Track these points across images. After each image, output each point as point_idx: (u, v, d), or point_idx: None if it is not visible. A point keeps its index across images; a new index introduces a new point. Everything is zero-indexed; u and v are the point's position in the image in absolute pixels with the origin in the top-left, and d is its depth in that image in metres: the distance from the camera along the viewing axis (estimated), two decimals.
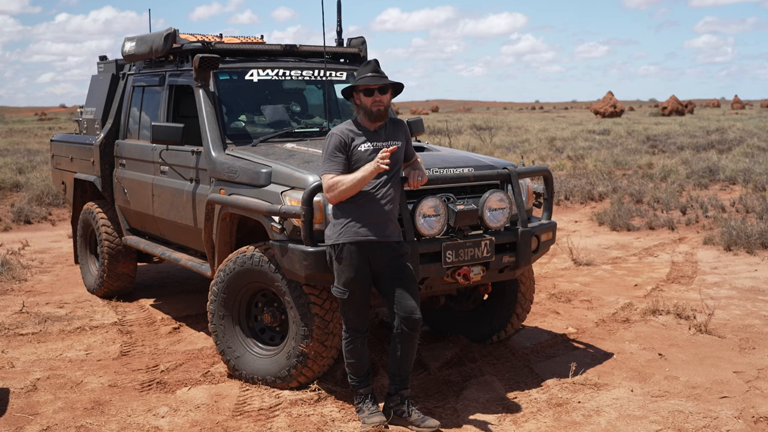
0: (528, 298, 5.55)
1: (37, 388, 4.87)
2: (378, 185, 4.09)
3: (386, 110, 4.18)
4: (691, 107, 54.63)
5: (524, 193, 5.06)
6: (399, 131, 4.27)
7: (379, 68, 4.21)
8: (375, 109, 4.12)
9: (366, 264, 4.11)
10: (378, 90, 4.13)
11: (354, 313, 4.20)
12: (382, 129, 4.21)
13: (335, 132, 4.16)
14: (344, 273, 4.12)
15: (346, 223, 4.09)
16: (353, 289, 4.13)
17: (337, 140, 4.12)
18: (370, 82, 4.12)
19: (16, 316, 6.57)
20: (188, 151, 5.64)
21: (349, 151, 4.11)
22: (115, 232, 6.91)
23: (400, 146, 4.21)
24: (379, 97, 4.13)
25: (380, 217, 4.09)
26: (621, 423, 4.25)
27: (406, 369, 4.23)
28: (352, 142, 4.13)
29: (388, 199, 4.12)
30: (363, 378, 4.30)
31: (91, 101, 7.50)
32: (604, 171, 15.55)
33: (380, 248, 4.10)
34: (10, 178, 14.70)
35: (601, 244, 9.64)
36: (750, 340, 5.69)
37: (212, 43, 5.91)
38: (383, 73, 4.20)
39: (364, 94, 4.14)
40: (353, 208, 4.08)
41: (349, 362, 4.28)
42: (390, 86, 4.20)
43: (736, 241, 8.97)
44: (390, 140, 4.18)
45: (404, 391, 4.24)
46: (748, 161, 16.01)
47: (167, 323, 6.35)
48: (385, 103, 4.15)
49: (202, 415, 4.44)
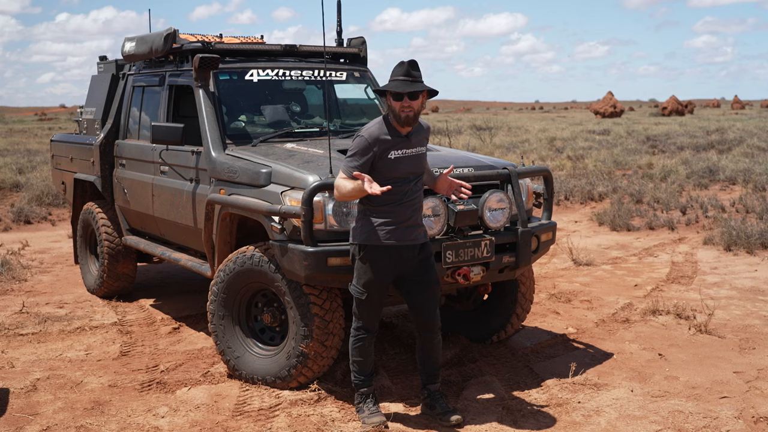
0: (528, 298, 5.55)
1: (37, 389, 4.87)
2: (406, 192, 4.05)
3: (416, 116, 4.04)
4: (691, 107, 54.63)
5: (524, 193, 5.06)
6: (424, 136, 4.20)
7: (412, 71, 4.02)
8: (404, 114, 3.99)
9: (389, 267, 4.09)
10: (407, 95, 3.99)
11: (368, 313, 4.19)
12: (412, 134, 4.10)
13: (364, 135, 4.03)
14: (366, 274, 4.10)
15: (374, 226, 4.04)
16: (371, 291, 4.12)
17: (364, 144, 4.00)
18: (398, 88, 3.98)
19: (16, 316, 6.57)
20: (188, 151, 5.64)
21: (375, 157, 4.01)
22: (115, 232, 6.91)
23: (425, 152, 4.17)
24: (408, 102, 3.98)
25: (408, 222, 4.06)
26: (621, 423, 4.25)
27: (431, 365, 4.31)
28: (382, 150, 4.00)
29: (416, 205, 4.11)
30: (366, 377, 4.30)
31: (91, 101, 7.50)
32: (604, 171, 15.55)
33: (406, 251, 4.09)
34: (10, 178, 14.70)
35: (601, 244, 9.64)
36: (750, 340, 5.69)
37: (212, 43, 5.91)
38: (417, 76, 4.03)
39: (393, 98, 4.01)
40: (382, 212, 4.04)
41: (356, 360, 4.27)
42: (421, 92, 4.03)
43: (736, 241, 8.97)
44: (418, 147, 4.10)
45: (431, 386, 4.33)
46: (748, 161, 16.01)
47: (167, 323, 6.35)
48: (414, 109, 4.00)
49: (202, 415, 4.44)
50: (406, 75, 4.00)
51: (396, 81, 4.01)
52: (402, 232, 4.06)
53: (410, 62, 4.04)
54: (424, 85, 4.04)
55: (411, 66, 4.03)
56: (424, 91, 4.05)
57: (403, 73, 4.01)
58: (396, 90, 3.98)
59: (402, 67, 4.03)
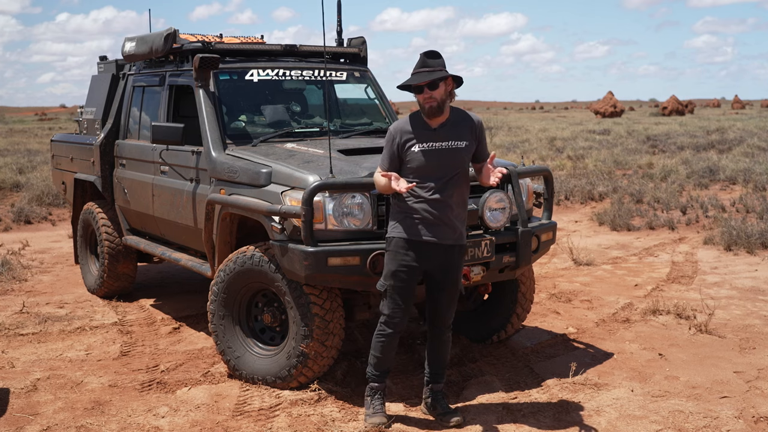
0: (528, 298, 5.55)
1: (37, 388, 4.87)
2: (434, 188, 4.00)
3: (440, 106, 3.97)
4: (691, 107, 54.62)
5: (524, 193, 5.06)
6: (465, 130, 4.07)
7: (428, 61, 3.97)
8: (427, 105, 3.97)
9: (414, 262, 4.06)
10: (427, 86, 3.95)
11: (390, 308, 4.12)
12: (444, 127, 4.03)
13: (391, 128, 4.08)
14: (388, 265, 4.10)
15: (400, 219, 4.06)
16: (393, 284, 4.08)
17: (389, 138, 4.05)
18: (414, 80, 3.97)
19: (16, 316, 6.57)
20: (188, 151, 5.64)
21: (401, 151, 4.02)
22: (116, 232, 6.91)
23: (465, 147, 4.05)
24: (429, 93, 3.95)
25: (435, 219, 4.02)
26: (621, 423, 4.25)
27: (438, 363, 4.29)
28: (404, 140, 4.01)
29: (445, 203, 4.01)
30: (381, 374, 4.27)
31: (91, 101, 7.50)
32: (604, 171, 15.55)
33: (430, 248, 4.05)
34: (10, 178, 14.70)
35: (602, 244, 9.64)
36: (750, 340, 5.69)
37: (212, 43, 5.91)
38: (435, 66, 3.97)
39: (414, 91, 4.00)
40: (408, 206, 4.04)
41: (374, 355, 4.23)
42: (442, 80, 3.95)
43: (737, 241, 8.97)
44: (451, 140, 4.02)
45: (435, 385, 4.32)
46: (748, 161, 16.01)
47: (167, 323, 6.35)
48: (437, 99, 3.95)
49: (202, 415, 4.44)
50: (423, 66, 3.99)
51: (415, 74, 4.00)
52: (427, 229, 4.03)
53: (427, 53, 4.01)
54: (442, 72, 3.97)
55: (427, 56, 4.01)
56: (448, 79, 4.01)
57: (420, 65, 4.00)
58: (413, 83, 3.98)
59: (420, 59, 4.02)
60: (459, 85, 4.11)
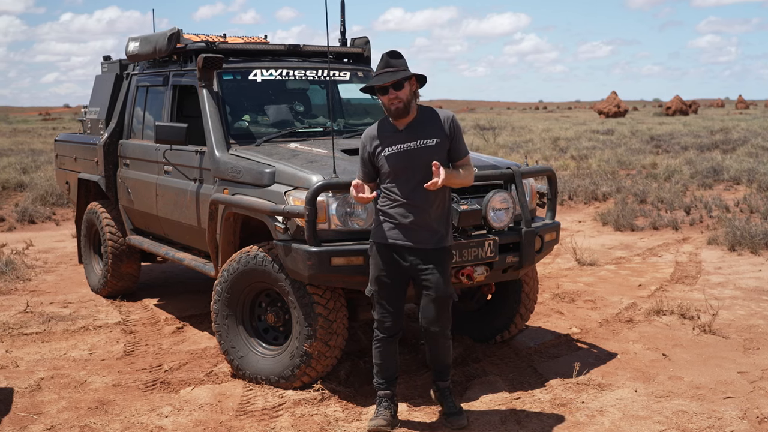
0: (532, 298, 5.54)
1: (41, 388, 4.88)
2: (407, 191, 3.95)
3: (406, 106, 3.92)
4: (695, 107, 54.52)
5: (528, 193, 5.05)
6: (434, 128, 3.98)
7: (391, 62, 3.92)
8: (393, 107, 3.92)
9: (393, 266, 4.04)
10: (392, 86, 3.90)
11: (381, 313, 4.12)
12: (411, 127, 3.97)
13: (362, 137, 4.09)
14: (371, 271, 4.12)
15: (378, 224, 4.07)
16: (378, 288, 4.08)
17: (361, 146, 4.07)
18: (378, 81, 3.91)
19: (20, 315, 6.59)
20: (192, 151, 5.65)
21: (372, 157, 4.02)
22: (119, 231, 6.92)
23: (435, 145, 3.95)
24: (394, 93, 3.89)
25: (410, 223, 3.97)
26: (625, 423, 4.24)
27: (439, 364, 4.25)
28: (374, 147, 3.99)
29: (420, 206, 3.95)
30: (385, 381, 4.21)
31: (95, 101, 7.52)
32: (607, 171, 15.53)
33: (410, 253, 4.02)
34: (14, 177, 14.73)
35: (605, 244, 9.63)
36: (754, 341, 5.68)
37: (216, 43, 5.92)
38: (398, 66, 3.92)
39: (379, 92, 3.94)
40: (384, 211, 4.04)
41: (375, 363, 4.21)
42: (407, 79, 3.90)
43: (741, 241, 8.95)
44: (420, 140, 3.95)
45: (440, 383, 4.29)
46: (753, 161, 15.97)
47: (171, 323, 6.35)
48: (403, 99, 3.89)
49: (205, 414, 4.45)
50: (387, 66, 3.93)
51: (378, 75, 3.94)
52: (401, 232, 3.99)
53: (389, 53, 3.95)
54: (405, 72, 3.92)
55: (390, 56, 3.95)
56: (412, 79, 3.95)
57: (383, 65, 3.94)
58: (377, 84, 3.91)
59: (382, 60, 3.96)
60: (423, 84, 4.05)
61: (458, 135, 4.05)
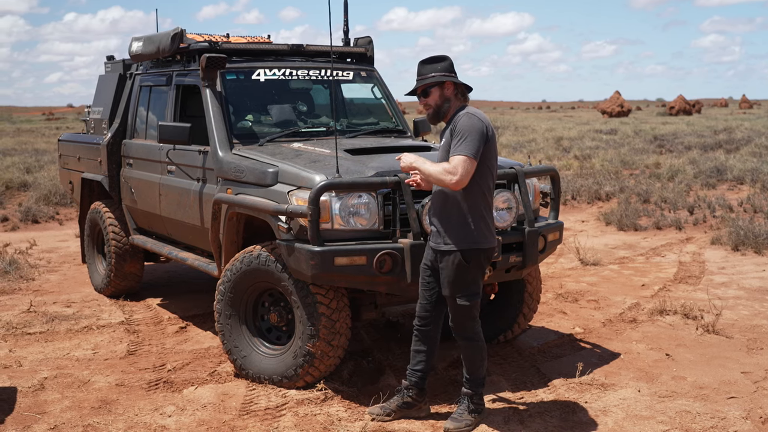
0: (535, 298, 5.54)
1: (44, 387, 4.89)
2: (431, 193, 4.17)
3: (436, 112, 4.06)
4: (698, 107, 54.42)
5: (531, 192, 5.05)
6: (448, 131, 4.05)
7: (419, 69, 4.07)
8: (426, 112, 4.13)
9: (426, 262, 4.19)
10: (420, 94, 4.07)
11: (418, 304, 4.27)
12: (444, 131, 4.08)
13: None
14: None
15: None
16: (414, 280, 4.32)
17: None
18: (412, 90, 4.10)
19: (23, 315, 6.60)
20: (195, 150, 5.65)
21: None
22: (123, 231, 6.93)
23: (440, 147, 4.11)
24: (424, 100, 4.08)
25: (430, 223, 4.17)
26: (628, 423, 4.24)
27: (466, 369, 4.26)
28: None
29: (432, 208, 4.14)
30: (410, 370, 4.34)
31: (98, 101, 7.52)
32: (611, 171, 15.52)
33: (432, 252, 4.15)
34: (17, 177, 14.76)
35: (608, 244, 9.62)
36: (758, 341, 5.67)
37: (219, 43, 5.92)
38: (426, 72, 4.04)
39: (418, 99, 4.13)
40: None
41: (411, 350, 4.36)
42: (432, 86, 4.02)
43: (744, 241, 8.94)
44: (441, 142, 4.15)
45: (463, 387, 4.29)
46: (756, 161, 15.96)
47: (174, 323, 6.36)
48: (432, 105, 4.05)
49: (208, 414, 4.45)
50: (418, 74, 4.10)
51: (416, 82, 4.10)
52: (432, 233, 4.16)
53: (423, 60, 4.10)
54: (426, 79, 4.03)
55: (421, 63, 4.10)
56: (445, 84, 4.04)
57: (417, 73, 4.10)
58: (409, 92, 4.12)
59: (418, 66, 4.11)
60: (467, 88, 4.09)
61: (456, 135, 3.98)
